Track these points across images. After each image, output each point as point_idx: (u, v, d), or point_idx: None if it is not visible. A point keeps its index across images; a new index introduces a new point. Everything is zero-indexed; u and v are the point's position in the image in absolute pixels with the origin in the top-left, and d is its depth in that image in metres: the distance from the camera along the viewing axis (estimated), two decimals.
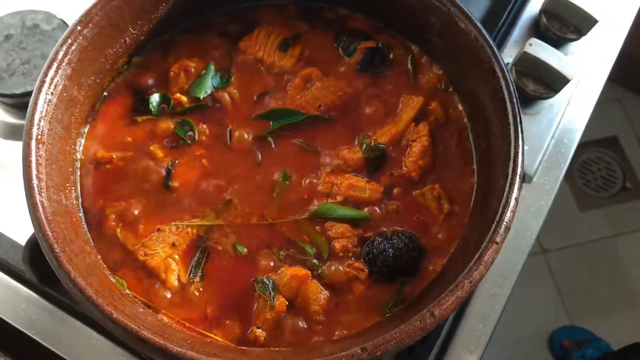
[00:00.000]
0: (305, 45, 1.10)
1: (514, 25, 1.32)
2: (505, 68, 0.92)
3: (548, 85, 1.21)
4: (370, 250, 0.94)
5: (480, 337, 1.10)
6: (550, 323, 2.64)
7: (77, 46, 0.94)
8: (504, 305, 1.12)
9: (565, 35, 1.27)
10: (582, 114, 1.28)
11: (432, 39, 1.04)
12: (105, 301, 0.79)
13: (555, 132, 1.24)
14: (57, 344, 1.09)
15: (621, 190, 2.90)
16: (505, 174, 0.86)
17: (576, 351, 2.55)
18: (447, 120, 1.03)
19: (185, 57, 1.07)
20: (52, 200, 0.87)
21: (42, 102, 0.89)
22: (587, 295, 2.71)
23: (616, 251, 2.80)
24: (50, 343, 1.09)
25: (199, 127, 1.03)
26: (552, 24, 1.28)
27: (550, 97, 1.23)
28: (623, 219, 2.84)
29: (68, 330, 1.10)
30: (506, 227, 0.83)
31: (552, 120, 1.24)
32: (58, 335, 1.10)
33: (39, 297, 1.12)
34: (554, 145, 1.24)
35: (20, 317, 1.10)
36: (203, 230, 0.96)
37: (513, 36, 1.31)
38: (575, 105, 1.27)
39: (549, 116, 1.25)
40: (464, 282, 0.80)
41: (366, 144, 1.00)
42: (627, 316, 2.65)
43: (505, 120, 0.89)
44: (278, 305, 0.89)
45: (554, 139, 1.24)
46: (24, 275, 1.13)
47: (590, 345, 2.56)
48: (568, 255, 2.78)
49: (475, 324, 1.10)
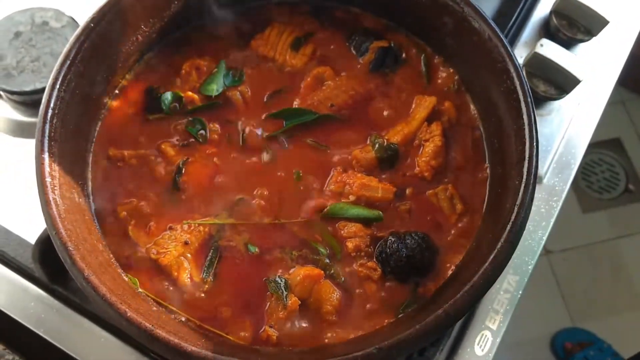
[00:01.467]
0: (317, 44, 1.09)
1: (524, 26, 1.31)
2: (519, 68, 0.91)
3: (559, 86, 1.21)
4: (383, 250, 0.93)
5: (491, 338, 1.10)
6: (553, 325, 2.63)
7: (89, 43, 0.93)
8: (515, 306, 1.12)
9: (576, 36, 1.27)
10: (592, 115, 1.28)
11: (445, 38, 1.03)
12: (119, 299, 0.79)
13: (565, 133, 1.24)
14: (66, 342, 1.08)
15: (624, 192, 2.90)
16: (520, 174, 0.86)
17: (578, 353, 2.55)
18: (459, 120, 1.03)
19: (196, 56, 1.07)
20: (65, 197, 0.86)
21: (55, 99, 0.88)
22: (589, 297, 2.71)
23: (619, 253, 2.80)
24: (59, 341, 1.08)
25: (211, 125, 1.02)
26: (563, 24, 1.27)
27: (561, 98, 1.23)
28: (626, 221, 2.84)
29: (77, 329, 1.10)
30: (521, 226, 0.83)
31: (562, 121, 1.24)
32: (67, 333, 1.09)
33: (48, 296, 1.12)
34: (564, 146, 1.24)
35: (29, 315, 1.10)
36: (215, 229, 0.96)
37: (523, 37, 1.30)
38: (585, 106, 1.27)
39: (559, 117, 1.24)
40: (479, 282, 0.80)
41: (378, 144, 1.00)
42: (630, 318, 2.65)
43: (520, 121, 0.89)
44: (291, 305, 0.88)
45: (564, 139, 1.24)
46: (33, 273, 1.12)
47: (592, 347, 2.55)
48: (571, 257, 2.77)
49: (486, 325, 1.10)
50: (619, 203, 2.88)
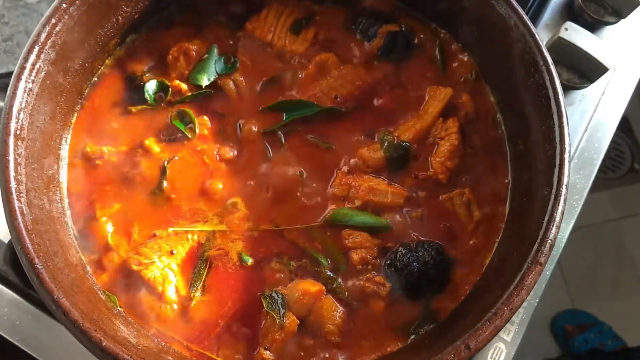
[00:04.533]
0: (319, 27, 0.99)
1: (544, 7, 1.20)
2: (550, 61, 0.81)
3: (583, 74, 1.11)
4: (393, 263, 0.84)
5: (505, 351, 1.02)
6: (553, 306, 2.58)
7: (62, 26, 0.82)
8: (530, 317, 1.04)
9: (603, 18, 1.16)
10: (617, 105, 1.17)
11: (464, 23, 0.93)
12: (93, 326, 0.70)
13: (588, 126, 1.14)
14: (43, 351, 1.00)
15: (629, 172, 2.82)
16: (549, 183, 0.76)
17: (578, 335, 2.51)
18: (478, 116, 0.93)
19: (185, 39, 0.96)
20: (33, 205, 0.76)
21: (22, 92, 0.78)
22: (591, 278, 2.65)
23: (622, 234, 2.74)
24: (35, 350, 1.00)
25: (200, 118, 0.93)
26: (588, 5, 1.16)
27: (584, 87, 1.13)
28: (630, 201, 2.76)
29: (54, 337, 1.01)
30: (551, 245, 0.74)
31: (585, 113, 1.14)
32: (43, 341, 1.01)
33: (23, 300, 1.03)
34: (586, 140, 1.14)
35: (3, 322, 1.01)
36: (204, 236, 0.87)
37: (543, 19, 1.19)
38: (610, 95, 1.17)
39: (581, 108, 1.14)
40: (504, 310, 0.71)
41: (388, 141, 0.90)
42: (632, 300, 2.59)
43: (550, 122, 0.79)
44: (288, 325, 0.80)
45: (586, 133, 1.14)
46: (6, 276, 1.03)
47: (592, 329, 2.51)
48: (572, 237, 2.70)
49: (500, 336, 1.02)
50: (623, 182, 2.80)
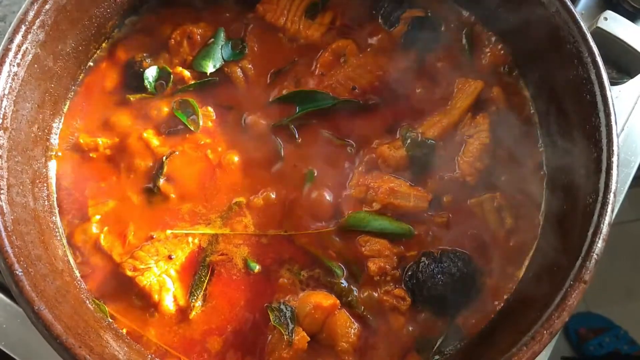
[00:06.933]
0: (337, 11, 0.93)
1: None
2: (596, 52, 0.73)
3: (622, 69, 1.03)
4: (414, 274, 0.78)
5: None
6: None
7: (52, 4, 0.77)
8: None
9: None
10: None
11: (498, 9, 0.86)
12: (78, 341, 0.64)
13: (625, 125, 1.06)
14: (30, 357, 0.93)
15: None
16: (595, 190, 0.70)
17: (592, 339, 2.46)
18: (511, 112, 0.86)
19: (189, 22, 0.92)
20: (15, 203, 0.70)
21: (6, 76, 0.73)
22: (606, 281, 2.56)
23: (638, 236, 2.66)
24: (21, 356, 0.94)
25: (204, 109, 0.87)
26: None
27: (623, 83, 1.05)
28: None
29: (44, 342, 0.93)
30: (596, 260, 0.66)
31: (622, 111, 1.07)
32: (31, 346, 0.94)
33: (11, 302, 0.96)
34: (622, 140, 1.06)
35: None
36: (206, 240, 0.82)
37: (578, 7, 1.11)
38: None
39: (619, 105, 1.06)
40: (543, 333, 0.64)
41: (411, 139, 0.84)
42: None
43: (595, 120, 0.73)
44: (298, 342, 0.74)
45: (623, 132, 1.06)
46: None
47: (607, 333, 2.47)
48: None
49: None
50: None
